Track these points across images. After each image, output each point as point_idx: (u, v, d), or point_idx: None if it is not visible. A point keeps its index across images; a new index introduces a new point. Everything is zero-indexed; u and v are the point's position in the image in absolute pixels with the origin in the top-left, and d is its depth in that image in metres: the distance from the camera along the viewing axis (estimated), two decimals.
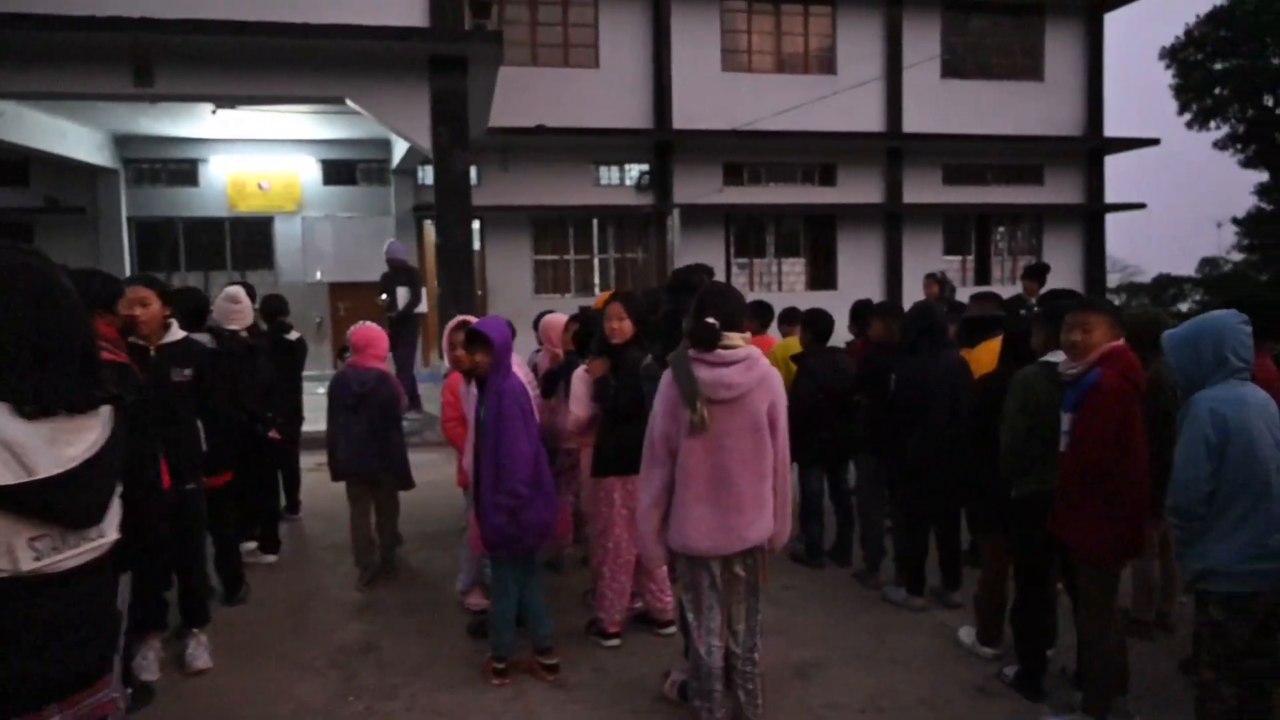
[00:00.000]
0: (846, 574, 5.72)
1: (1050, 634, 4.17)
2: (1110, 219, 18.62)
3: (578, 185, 16.15)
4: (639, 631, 4.70)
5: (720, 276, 16.93)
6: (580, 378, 4.59)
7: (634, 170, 16.57)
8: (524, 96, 15.22)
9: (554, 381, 5.40)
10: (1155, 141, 17.83)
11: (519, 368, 4.27)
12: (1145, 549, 4.12)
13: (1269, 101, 30.00)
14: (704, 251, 16.65)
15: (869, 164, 17.29)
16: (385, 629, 4.88)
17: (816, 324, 6.01)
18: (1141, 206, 18.41)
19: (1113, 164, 18.50)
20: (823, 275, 17.31)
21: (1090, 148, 18.03)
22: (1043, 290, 9.05)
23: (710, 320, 3.29)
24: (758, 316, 6.81)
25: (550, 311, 6.13)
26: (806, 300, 7.85)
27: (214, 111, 12.53)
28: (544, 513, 4.03)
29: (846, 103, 16.59)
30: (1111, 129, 18.72)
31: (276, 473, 6.42)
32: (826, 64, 17.06)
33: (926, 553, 5.20)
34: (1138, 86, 33.33)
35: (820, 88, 16.56)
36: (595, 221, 16.79)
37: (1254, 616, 3.03)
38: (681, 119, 16.06)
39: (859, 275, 16.65)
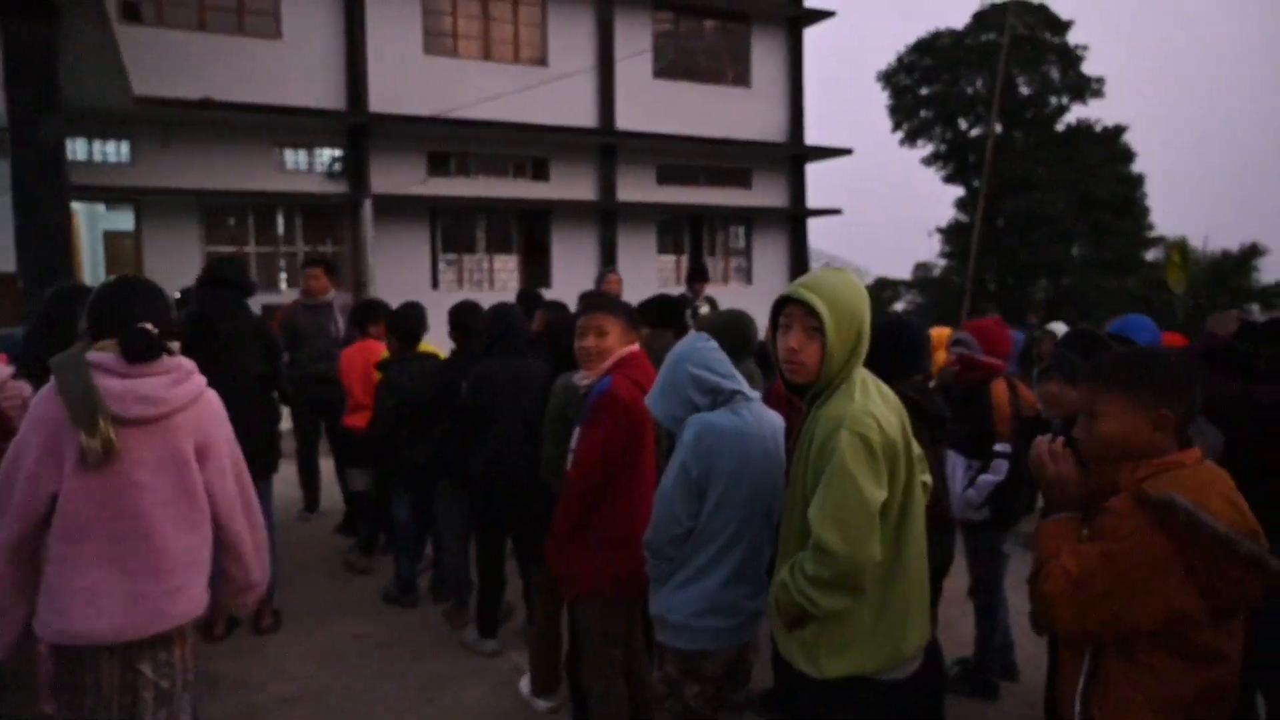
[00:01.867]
0: (440, 612, 4.98)
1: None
2: (833, 223, 19.61)
3: (259, 169, 14.43)
4: None
5: (425, 272, 15.90)
6: None
7: (325, 155, 15.09)
8: (188, 65, 13.33)
9: None
10: (849, 151, 18.94)
11: None
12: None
13: (964, 125, 33.28)
14: (407, 246, 15.52)
15: (582, 160, 16.93)
16: None
17: (403, 324, 5.20)
18: (838, 212, 19.50)
19: (840, 172, 19.44)
20: (537, 272, 16.73)
21: (793, 154, 18.81)
22: (707, 291, 8.90)
23: (147, 326, 2.34)
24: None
25: None
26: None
27: None
28: None
29: (559, 96, 16.10)
30: (840, 140, 19.67)
31: None
32: (537, 55, 16.49)
33: (503, 585, 4.56)
34: (877, 101, 36.11)
35: (531, 78, 15.95)
36: (280, 210, 15.11)
37: (703, 679, 2.56)
38: (379, 102, 14.81)
39: (574, 273, 16.20)
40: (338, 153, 15.07)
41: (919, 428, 3.32)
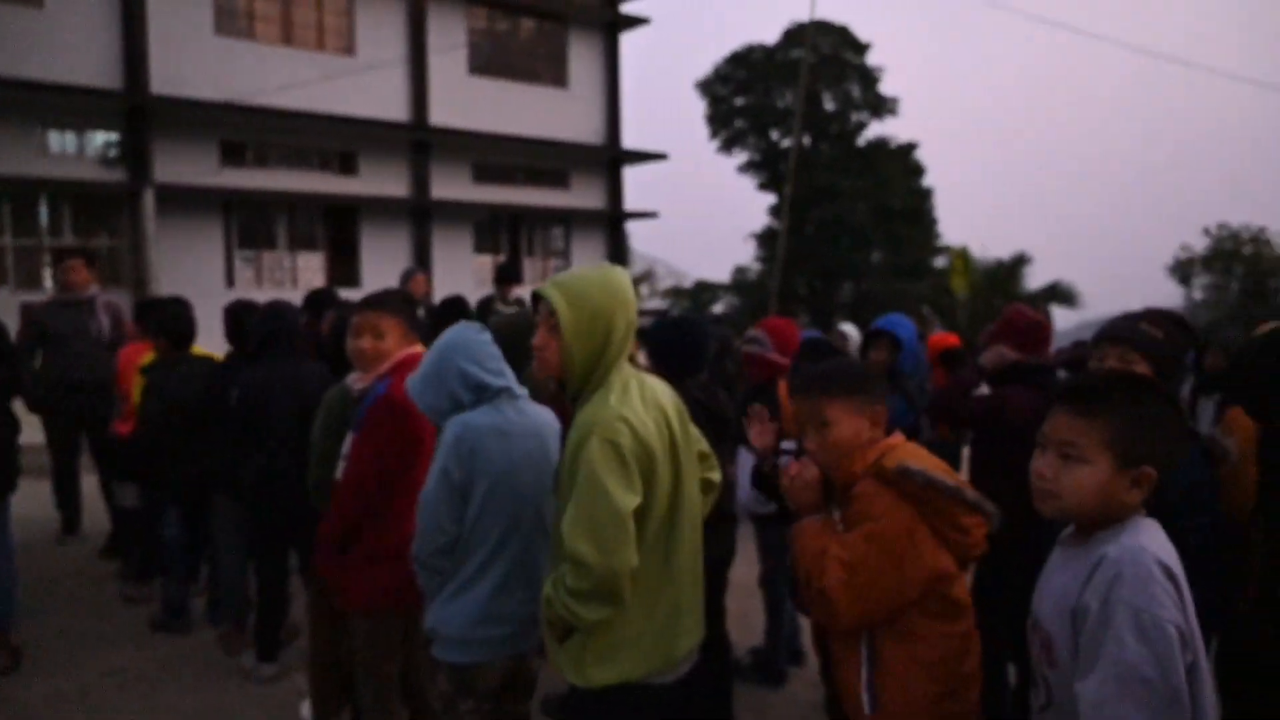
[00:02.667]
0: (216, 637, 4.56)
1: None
2: (657, 226, 19.93)
3: (18, 152, 12.86)
4: None
5: (218, 270, 14.77)
6: None
7: (99, 138, 13.68)
8: None
9: None
10: (664, 156, 19.39)
11: None
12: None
13: (776, 136, 34.86)
14: (197, 241, 14.35)
15: (394, 155, 16.32)
16: None
17: (169, 324, 4.73)
18: (655, 215, 19.91)
19: (664, 177, 19.79)
20: (345, 271, 15.95)
21: (610, 157, 19.00)
22: (521, 293, 8.74)
23: None
24: None
25: None
26: None
27: None
28: None
29: (368, 88, 15.43)
30: (663, 145, 19.98)
31: None
32: (344, 43, 15.73)
33: (285, 604, 4.24)
34: (699, 108, 37.19)
35: (336, 68, 15.18)
36: (44, 198, 13.55)
37: (480, 694, 2.44)
38: (163, 83, 13.59)
39: (385, 272, 15.52)
40: (113, 136, 13.70)
41: (706, 426, 3.40)
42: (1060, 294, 27.23)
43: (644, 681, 2.06)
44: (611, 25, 19.02)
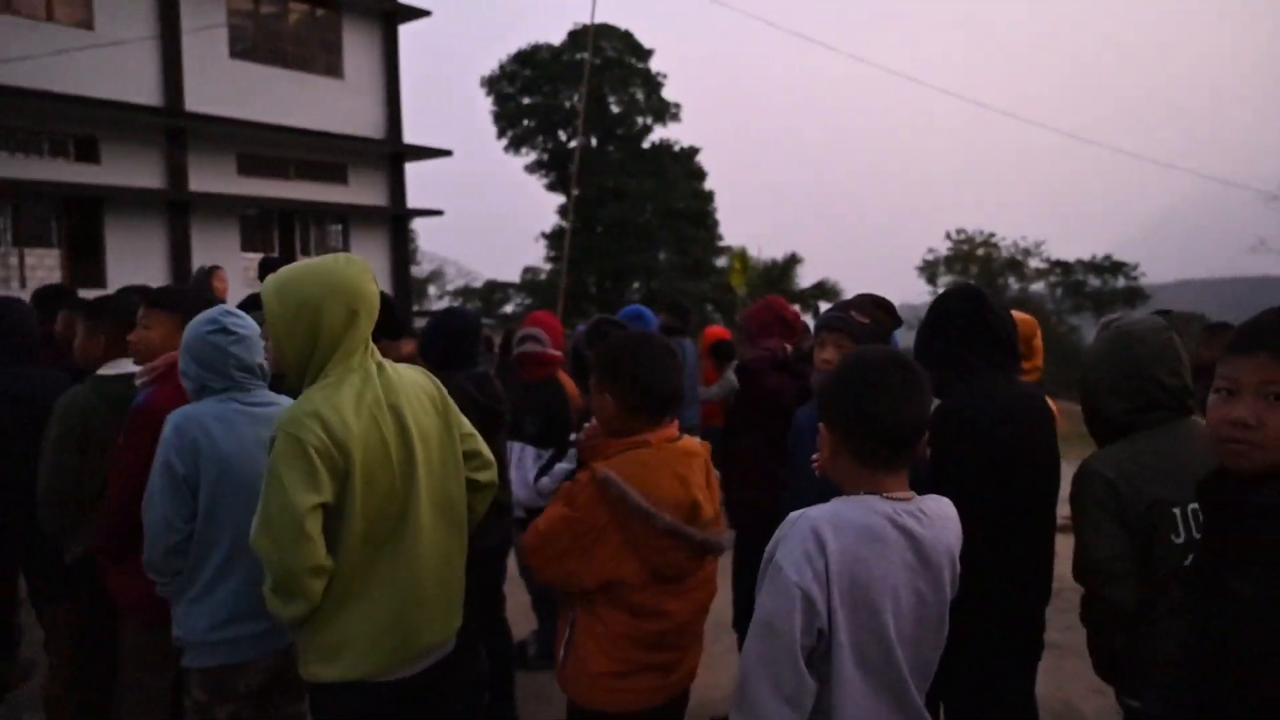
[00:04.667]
0: None
1: None
2: (447, 225, 19.36)
3: None
4: None
5: None
6: None
7: None
8: None
9: None
10: (449, 153, 18.95)
11: None
12: None
13: (564, 136, 35.07)
14: None
15: (144, 143, 14.82)
16: None
17: None
18: (440, 213, 19.44)
19: (454, 175, 19.23)
20: (88, 271, 14.27)
21: (391, 152, 18.32)
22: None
23: None
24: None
25: None
26: None
27: None
28: None
29: (110, 67, 13.89)
30: (450, 143, 19.34)
31: None
32: (79, 15, 14.06)
33: (14, 638, 3.74)
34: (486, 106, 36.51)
35: (69, 41, 13.55)
36: None
37: (238, 697, 2.33)
38: None
39: (135, 271, 14.05)
40: None
41: (478, 420, 3.34)
42: (827, 291, 29.48)
43: (366, 680, 2.02)
44: (390, 15, 18.32)
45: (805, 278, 29.37)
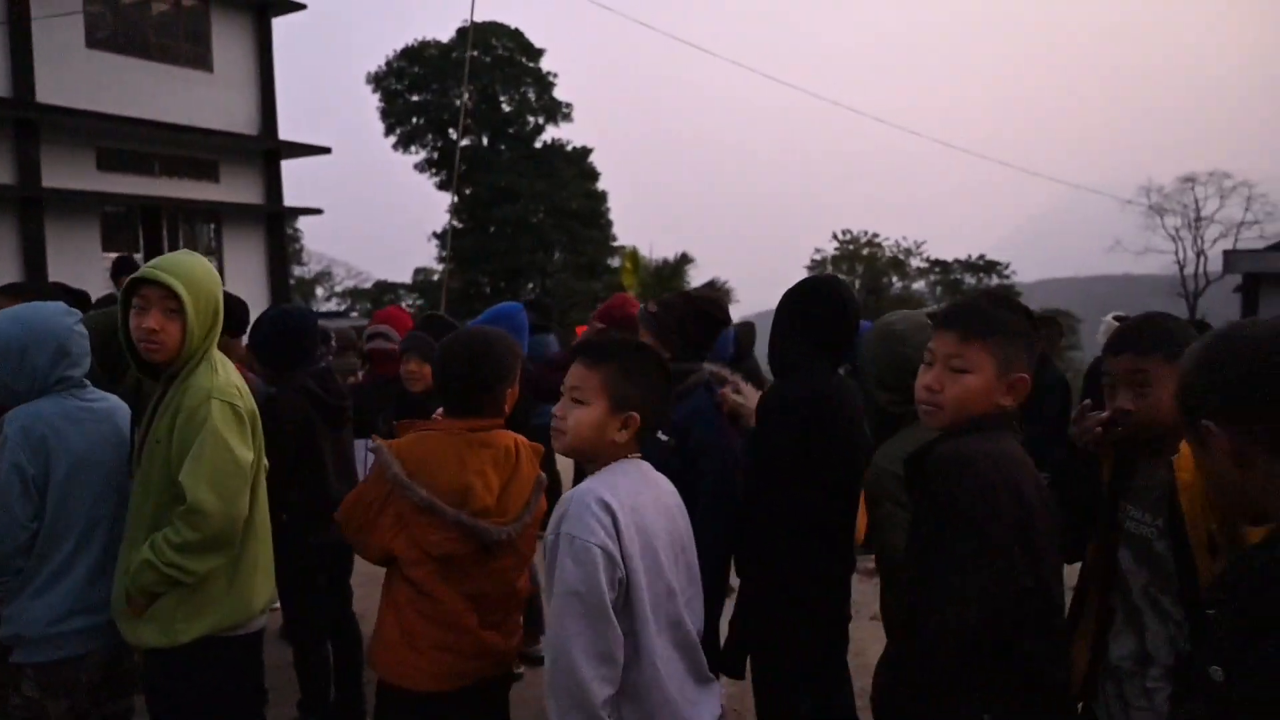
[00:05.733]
0: None
1: None
2: (332, 225, 18.78)
3: None
4: None
5: None
6: None
7: None
8: None
9: None
10: (327, 150, 18.44)
11: None
12: None
13: (453, 134, 34.57)
14: None
15: None
16: None
17: None
18: (319, 211, 18.92)
19: (338, 173, 18.59)
20: None
21: (265, 149, 17.71)
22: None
23: None
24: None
25: None
26: None
27: None
28: None
29: None
30: (333, 140, 18.70)
31: None
32: None
33: None
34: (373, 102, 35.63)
35: None
36: None
37: (78, 689, 2.35)
38: None
39: None
40: None
41: (320, 416, 3.34)
42: (717, 290, 30.00)
43: (228, 634, 2.31)
44: (262, 7, 17.69)
45: (696, 277, 29.84)
